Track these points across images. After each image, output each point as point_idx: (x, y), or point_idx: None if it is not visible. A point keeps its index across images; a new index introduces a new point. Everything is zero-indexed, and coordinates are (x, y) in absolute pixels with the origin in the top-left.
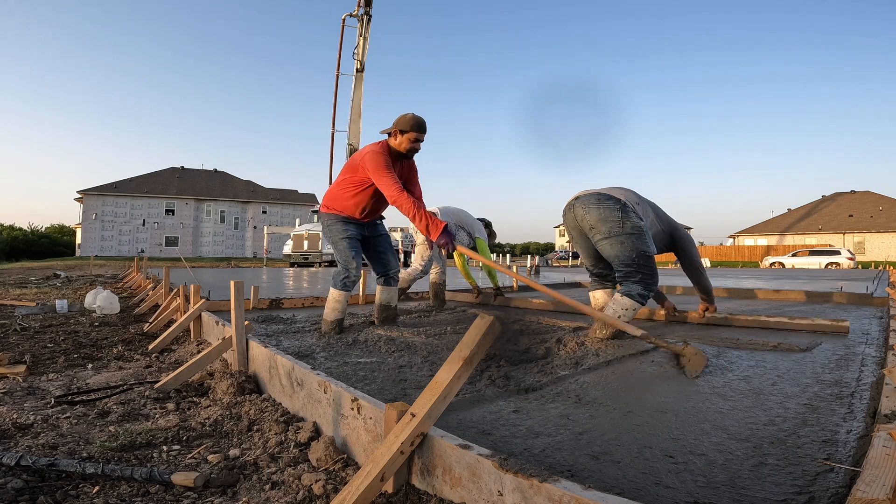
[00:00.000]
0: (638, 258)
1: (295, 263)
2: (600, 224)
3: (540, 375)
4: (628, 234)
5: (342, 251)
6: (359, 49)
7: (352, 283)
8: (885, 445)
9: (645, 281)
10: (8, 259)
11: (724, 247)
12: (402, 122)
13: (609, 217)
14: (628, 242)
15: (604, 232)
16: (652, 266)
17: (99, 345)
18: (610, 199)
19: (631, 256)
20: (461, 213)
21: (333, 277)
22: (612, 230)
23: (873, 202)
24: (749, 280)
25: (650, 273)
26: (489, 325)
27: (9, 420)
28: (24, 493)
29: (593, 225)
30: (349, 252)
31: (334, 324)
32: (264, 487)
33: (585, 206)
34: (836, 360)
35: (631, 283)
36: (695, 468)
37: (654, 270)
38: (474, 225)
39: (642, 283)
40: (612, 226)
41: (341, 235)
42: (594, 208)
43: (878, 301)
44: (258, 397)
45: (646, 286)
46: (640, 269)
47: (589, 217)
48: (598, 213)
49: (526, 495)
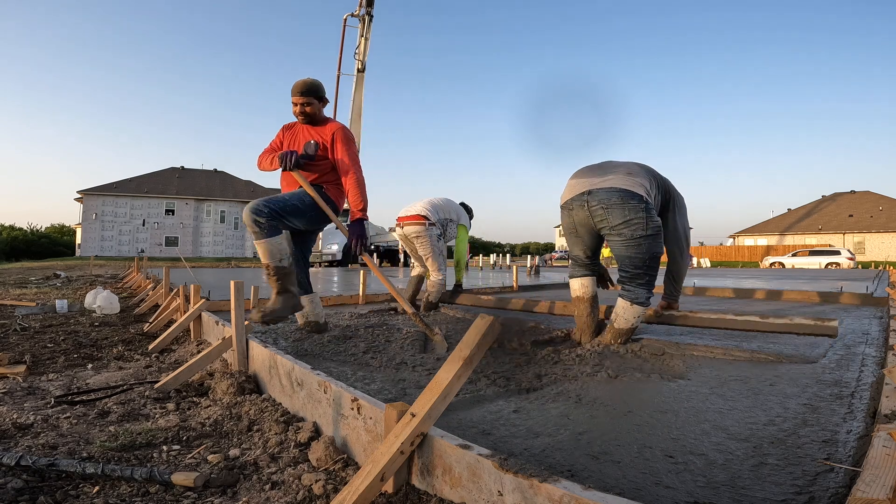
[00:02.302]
0: (650, 260)
1: None
2: (624, 227)
3: (539, 377)
4: (649, 235)
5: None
6: (360, 49)
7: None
8: (885, 445)
9: (650, 284)
10: (8, 259)
11: (724, 247)
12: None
13: (635, 220)
14: (645, 245)
15: (627, 234)
16: (657, 267)
17: (99, 345)
18: (634, 198)
19: (644, 260)
20: (446, 202)
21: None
22: (635, 233)
23: (873, 202)
24: (749, 280)
25: (654, 275)
26: (489, 325)
27: (9, 420)
28: (24, 493)
29: (615, 226)
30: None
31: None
32: (264, 487)
33: (606, 205)
34: (836, 360)
35: (637, 288)
36: (695, 468)
37: (657, 271)
38: (459, 212)
39: (648, 285)
40: (636, 228)
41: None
42: (618, 209)
43: (878, 301)
44: (258, 397)
45: (649, 289)
46: (648, 272)
47: (612, 218)
48: (622, 213)
49: (526, 495)
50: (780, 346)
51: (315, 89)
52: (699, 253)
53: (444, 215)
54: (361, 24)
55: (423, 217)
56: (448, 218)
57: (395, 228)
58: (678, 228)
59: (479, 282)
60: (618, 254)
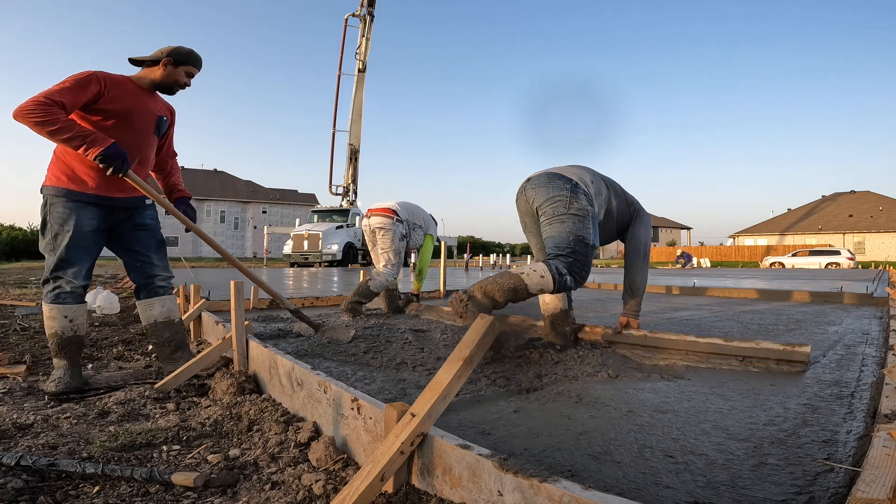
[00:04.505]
0: (574, 243)
1: (295, 263)
2: (546, 204)
3: (539, 377)
4: (572, 214)
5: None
6: (361, 49)
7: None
8: (886, 445)
9: (573, 267)
10: (8, 259)
11: (724, 247)
12: (175, 53)
13: (557, 196)
14: (569, 223)
15: (549, 213)
16: (587, 256)
17: (99, 345)
18: (560, 178)
19: (568, 239)
20: (416, 208)
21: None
22: (557, 210)
23: (873, 202)
24: (749, 280)
25: (582, 262)
26: (489, 324)
27: (9, 420)
28: (24, 493)
29: (540, 205)
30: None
31: (63, 343)
32: (264, 487)
33: (535, 185)
34: (836, 360)
35: (559, 259)
36: (695, 468)
37: (588, 263)
38: (428, 221)
39: (569, 266)
40: (557, 205)
41: (65, 226)
42: (543, 188)
43: (878, 301)
44: (258, 397)
45: (571, 271)
46: (572, 255)
47: (538, 197)
48: (546, 192)
49: (526, 495)
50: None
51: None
52: (699, 253)
53: (412, 218)
54: (363, 25)
55: (392, 211)
56: (416, 223)
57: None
58: (639, 238)
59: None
60: (544, 237)
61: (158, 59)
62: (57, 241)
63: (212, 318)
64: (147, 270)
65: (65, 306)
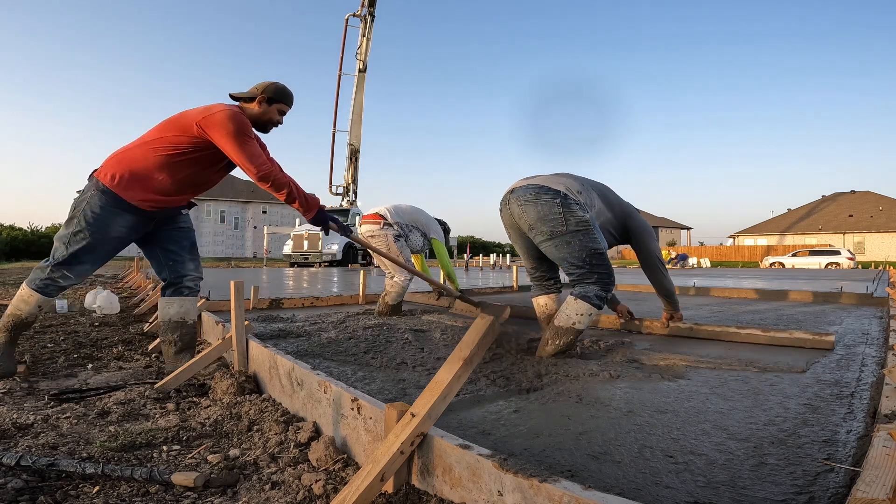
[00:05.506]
0: (589, 257)
1: (295, 263)
2: (540, 224)
3: (540, 377)
4: (574, 231)
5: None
6: (361, 49)
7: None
8: (885, 445)
9: (602, 281)
10: (8, 259)
11: (724, 247)
12: (270, 90)
13: (549, 214)
14: (575, 241)
15: (546, 233)
16: (606, 264)
17: (99, 345)
18: (548, 193)
19: (581, 256)
20: (415, 211)
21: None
22: (554, 230)
23: (873, 202)
24: (749, 280)
25: (605, 272)
26: (489, 324)
27: (9, 420)
28: (24, 493)
29: (533, 224)
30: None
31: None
32: (264, 487)
33: (522, 202)
34: (836, 360)
35: (587, 285)
36: (695, 468)
37: (610, 268)
38: (429, 224)
39: (599, 283)
40: (553, 224)
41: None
42: (531, 205)
43: (878, 301)
44: (258, 397)
45: (603, 286)
46: (594, 270)
47: (527, 215)
48: (536, 210)
49: (526, 495)
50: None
51: None
52: (699, 253)
53: (406, 220)
54: (363, 25)
55: (379, 216)
56: (412, 225)
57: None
58: (652, 253)
59: (479, 282)
60: (552, 257)
61: (254, 96)
62: (76, 238)
63: (212, 318)
64: (179, 270)
65: (45, 297)
